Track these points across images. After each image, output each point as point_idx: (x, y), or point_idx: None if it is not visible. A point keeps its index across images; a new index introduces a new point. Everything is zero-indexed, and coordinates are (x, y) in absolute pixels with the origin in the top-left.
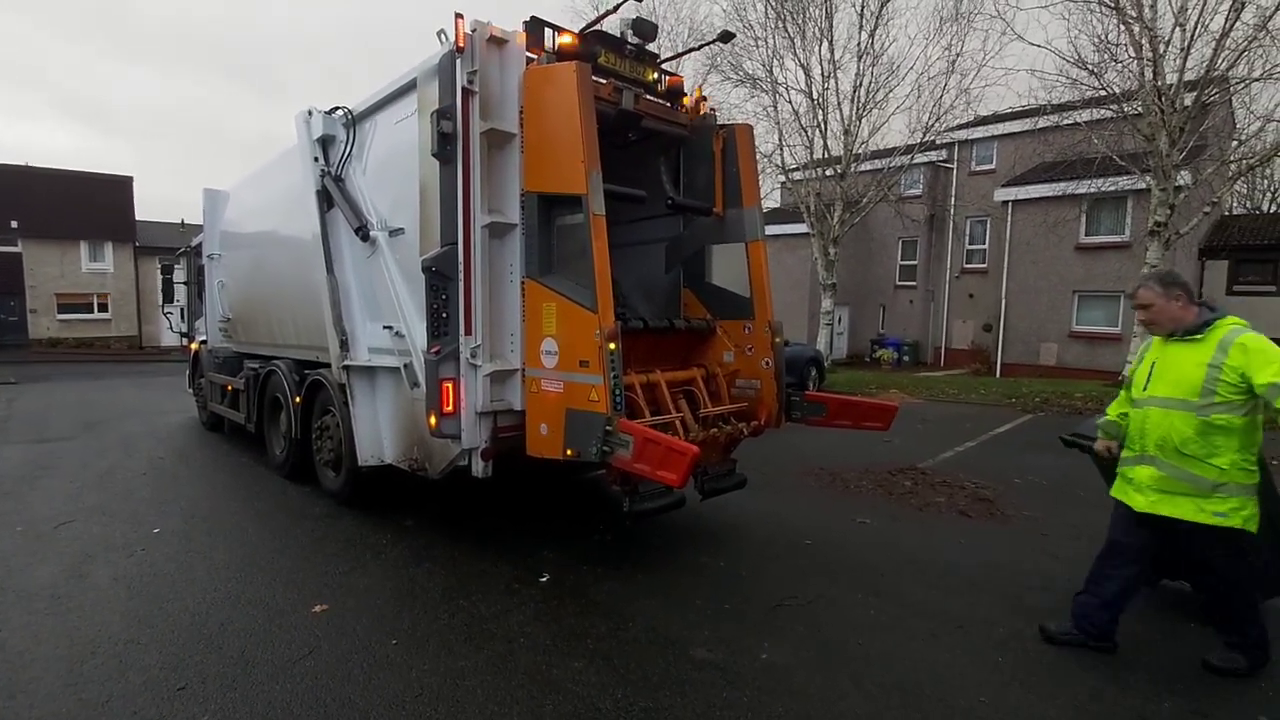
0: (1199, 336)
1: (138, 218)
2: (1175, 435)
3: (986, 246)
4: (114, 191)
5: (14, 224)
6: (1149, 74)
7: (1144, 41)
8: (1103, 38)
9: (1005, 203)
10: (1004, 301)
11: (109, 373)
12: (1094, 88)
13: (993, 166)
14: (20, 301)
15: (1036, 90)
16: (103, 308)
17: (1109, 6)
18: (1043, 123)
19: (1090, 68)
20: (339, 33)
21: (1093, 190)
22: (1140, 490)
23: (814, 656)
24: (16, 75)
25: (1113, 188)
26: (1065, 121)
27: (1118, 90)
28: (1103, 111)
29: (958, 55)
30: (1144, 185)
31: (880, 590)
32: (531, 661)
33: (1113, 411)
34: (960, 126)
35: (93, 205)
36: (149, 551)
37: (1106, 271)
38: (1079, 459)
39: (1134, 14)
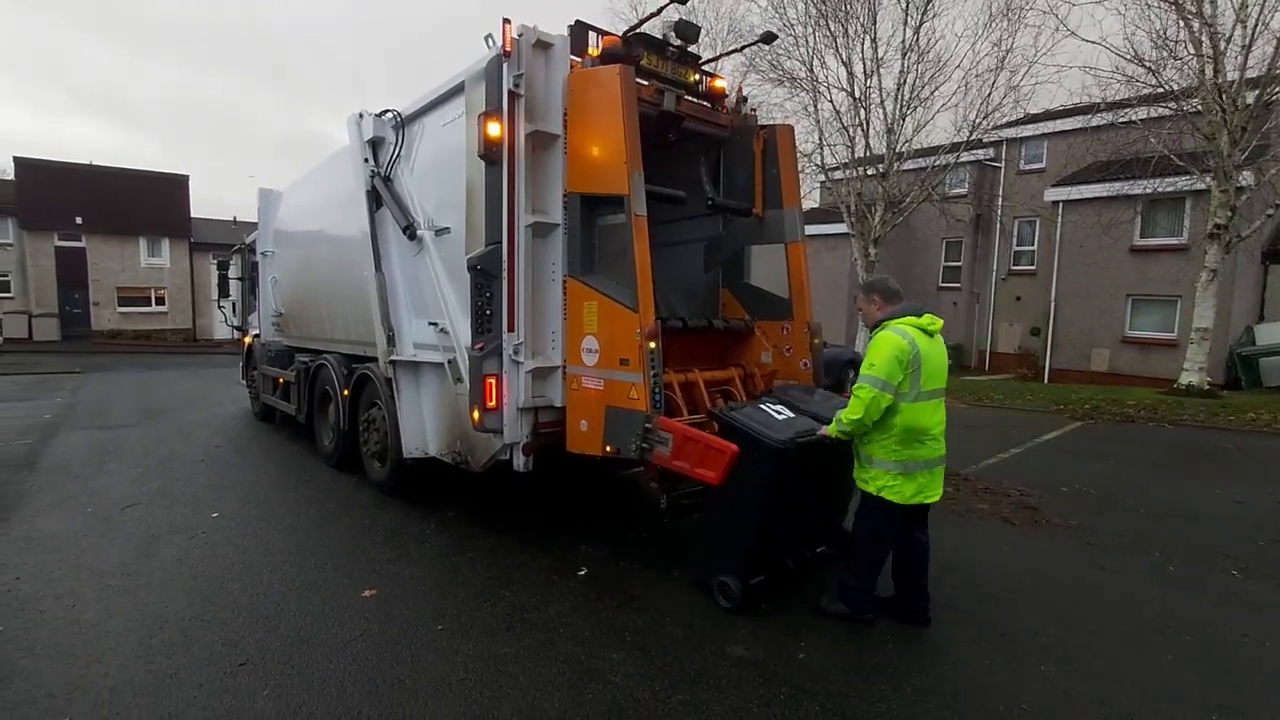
0: (876, 330)
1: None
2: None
3: (1035, 248)
4: (171, 190)
5: (79, 220)
6: (1209, 71)
7: (1204, 38)
8: (1161, 34)
9: (1056, 203)
10: (1053, 304)
11: (165, 364)
12: (1151, 85)
13: (1043, 165)
14: (84, 294)
15: (1090, 87)
16: (160, 301)
17: (1168, 2)
18: (1097, 121)
19: (1148, 64)
20: (355, 31)
21: (1149, 191)
22: None
23: (851, 659)
24: (42, 71)
25: (1170, 188)
26: (1121, 119)
27: (1176, 88)
28: (1160, 109)
29: (1008, 51)
30: (1204, 186)
31: None
32: (571, 651)
33: None
34: (1009, 124)
35: (151, 203)
36: (209, 534)
37: (1163, 275)
38: (1129, 467)
39: (1193, 9)
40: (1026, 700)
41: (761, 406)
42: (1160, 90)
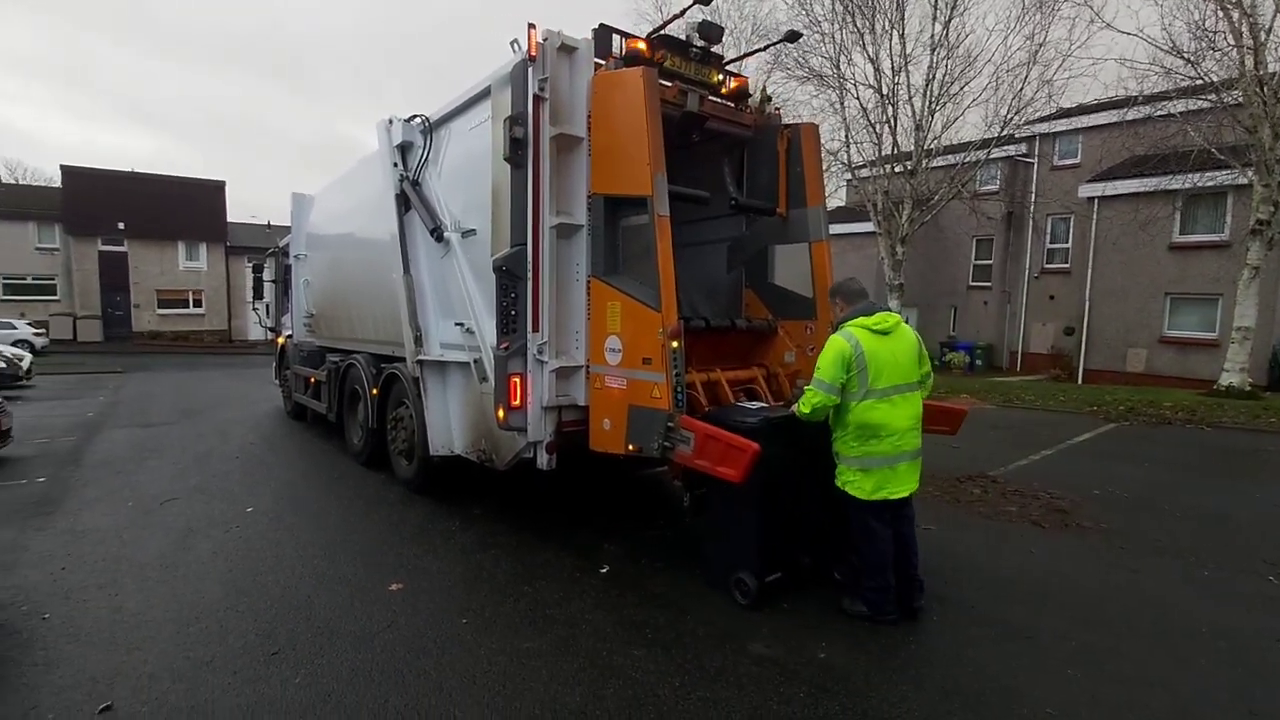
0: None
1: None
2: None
3: (1069, 245)
4: (208, 195)
5: (121, 225)
6: (1249, 62)
7: (1243, 28)
8: (1199, 24)
9: (1091, 199)
10: (1088, 303)
11: (202, 364)
12: (1190, 77)
13: (1077, 161)
14: (126, 297)
15: (1126, 80)
16: (197, 303)
17: None
18: (1133, 114)
19: (1186, 56)
20: (373, 35)
21: (1188, 186)
22: None
23: (873, 658)
24: (75, 79)
25: (1210, 183)
26: (1158, 113)
27: (1216, 79)
28: (1200, 102)
29: (1040, 45)
30: (1245, 180)
31: (944, 596)
32: (593, 647)
33: None
34: (1041, 119)
35: (189, 208)
36: (243, 528)
37: (1203, 273)
38: (1165, 471)
39: (1232, 0)
40: (1052, 704)
41: (738, 404)
42: (1199, 82)
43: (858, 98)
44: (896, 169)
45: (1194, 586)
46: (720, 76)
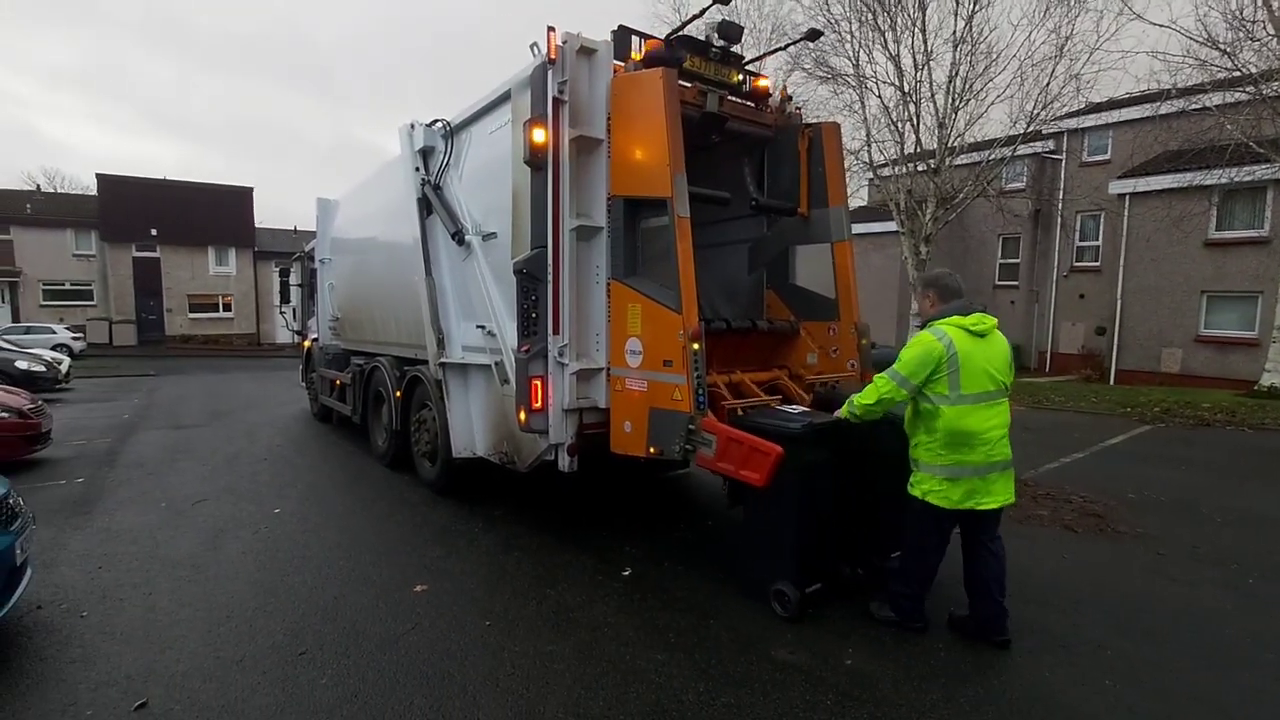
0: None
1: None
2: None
3: (1100, 243)
4: (236, 201)
5: (154, 232)
6: None
7: None
8: (1237, 14)
9: (1122, 195)
10: (1120, 302)
11: (231, 367)
12: (1226, 69)
13: (1107, 157)
14: (158, 302)
15: (1159, 73)
16: (226, 308)
17: None
18: (1166, 108)
19: (1223, 47)
20: (392, 38)
21: (1225, 181)
22: None
23: (901, 666)
24: (106, 88)
25: (1249, 177)
26: (1193, 106)
27: (1255, 70)
28: (1237, 94)
29: (1067, 38)
30: None
31: None
32: (616, 651)
33: None
34: (1070, 115)
35: (219, 214)
36: (271, 529)
37: (1241, 270)
38: (1202, 473)
39: None
40: (1088, 715)
41: (777, 408)
42: (1237, 74)
43: (879, 95)
44: (919, 167)
45: (1236, 595)
46: (740, 76)
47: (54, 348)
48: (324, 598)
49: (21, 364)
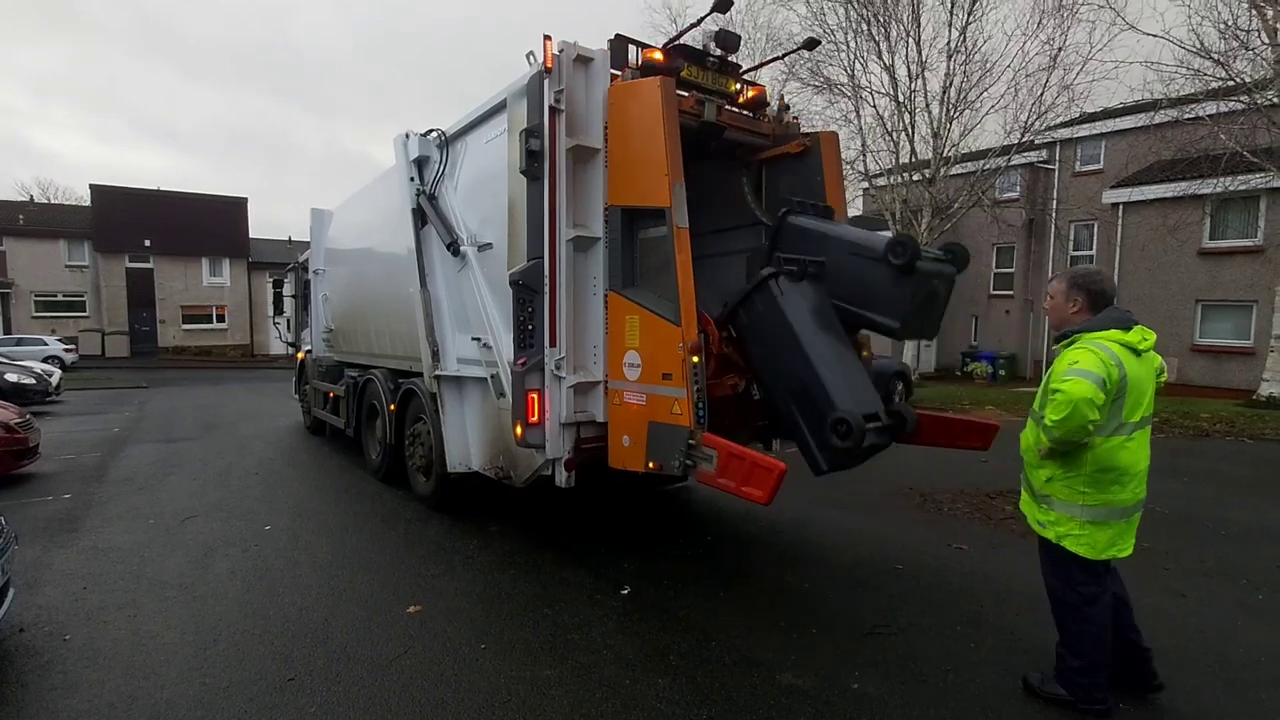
0: (1064, 344)
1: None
2: (1024, 441)
3: (1094, 252)
4: (230, 212)
5: (147, 243)
6: None
7: (1278, 26)
8: (1230, 23)
9: (1115, 205)
10: None
11: (225, 378)
12: (1220, 78)
13: (1100, 166)
14: (152, 313)
15: (1152, 83)
16: (220, 319)
17: None
18: (1160, 118)
19: (1216, 56)
20: (383, 48)
21: (1219, 190)
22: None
23: (910, 689)
24: (92, 98)
25: (1243, 187)
26: (1186, 116)
27: (1248, 80)
28: (1231, 103)
29: (1060, 49)
30: None
31: (980, 621)
32: (615, 675)
33: None
34: (1063, 125)
35: (213, 225)
36: (261, 547)
37: (1236, 279)
38: (1207, 485)
39: None
40: None
41: None
42: (1230, 83)
43: (874, 105)
44: (914, 177)
45: (1248, 612)
46: (737, 85)
47: (45, 360)
48: (314, 619)
49: (11, 376)
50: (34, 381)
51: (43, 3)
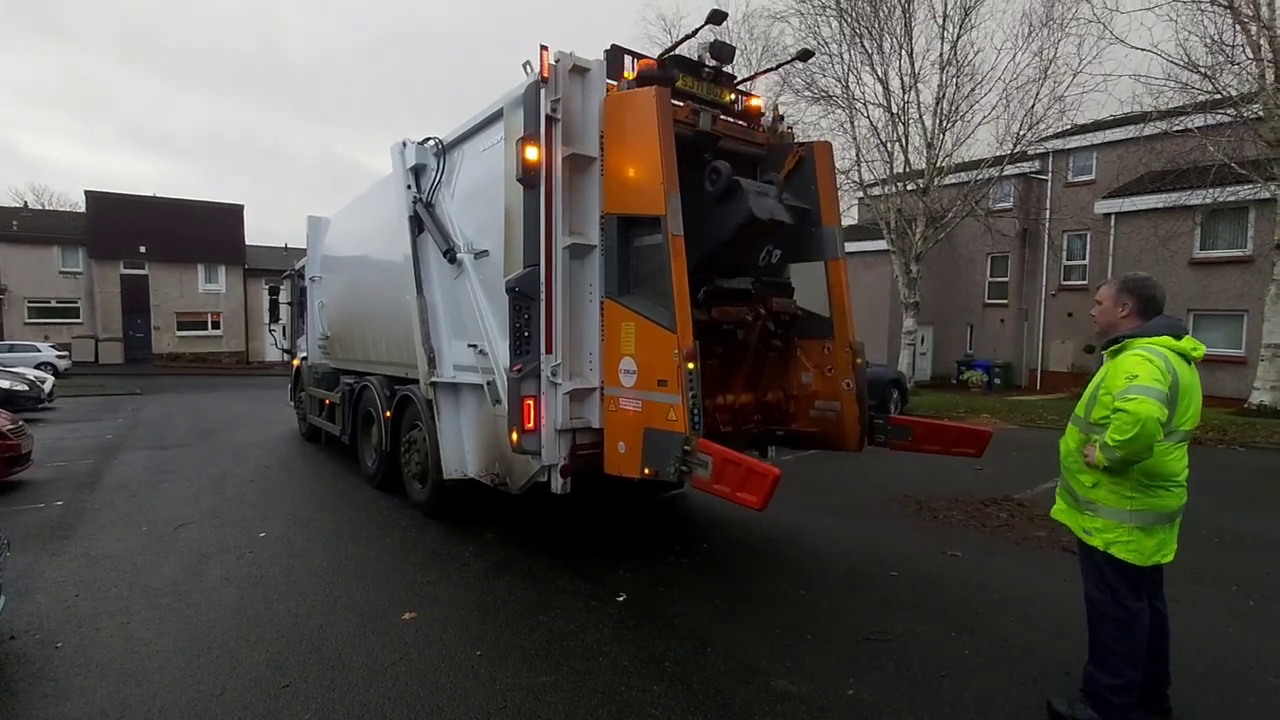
0: (1112, 349)
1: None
2: (1064, 447)
3: (1087, 262)
4: (226, 218)
5: (142, 249)
6: (1270, 76)
7: (1262, 42)
8: (1216, 39)
9: (1107, 215)
10: None
11: (220, 385)
12: (1207, 91)
13: (1092, 177)
14: (146, 319)
15: (1141, 96)
16: (215, 325)
17: (1222, 6)
18: (1149, 129)
19: (1203, 70)
20: (379, 56)
21: (1209, 201)
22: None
23: (905, 696)
24: (86, 105)
25: (1232, 198)
26: (1175, 128)
27: (1235, 93)
28: (1219, 116)
29: (1050, 61)
30: (1268, 195)
31: (975, 629)
32: (610, 681)
33: None
34: (1055, 136)
35: (208, 232)
36: (256, 554)
37: (1226, 288)
38: (1199, 493)
39: (1250, 13)
40: None
41: None
42: (1218, 96)
43: (868, 116)
44: (909, 187)
45: (1239, 619)
46: (732, 96)
47: (39, 366)
48: (309, 626)
49: (3, 383)
50: (26, 388)
51: (32, 12)
